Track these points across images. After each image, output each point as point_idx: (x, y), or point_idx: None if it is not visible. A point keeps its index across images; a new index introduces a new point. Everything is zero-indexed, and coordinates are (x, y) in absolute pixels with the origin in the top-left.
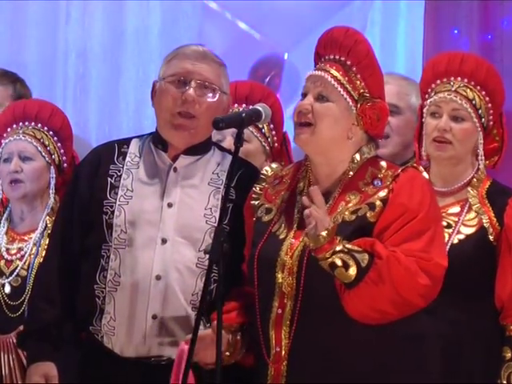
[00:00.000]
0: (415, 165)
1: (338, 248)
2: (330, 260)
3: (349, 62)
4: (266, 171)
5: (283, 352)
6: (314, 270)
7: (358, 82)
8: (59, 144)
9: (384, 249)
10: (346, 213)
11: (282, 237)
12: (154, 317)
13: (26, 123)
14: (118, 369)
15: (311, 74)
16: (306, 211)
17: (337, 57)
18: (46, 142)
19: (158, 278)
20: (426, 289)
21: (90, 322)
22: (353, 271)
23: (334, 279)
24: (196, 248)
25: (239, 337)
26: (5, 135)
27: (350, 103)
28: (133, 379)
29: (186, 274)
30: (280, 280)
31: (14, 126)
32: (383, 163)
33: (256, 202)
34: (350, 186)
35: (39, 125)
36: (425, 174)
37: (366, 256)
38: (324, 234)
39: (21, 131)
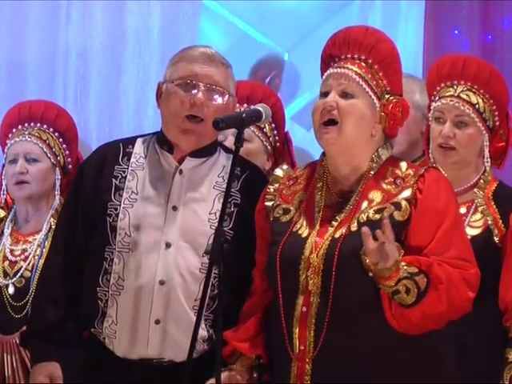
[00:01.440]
0: (435, 165)
1: (403, 275)
2: (394, 288)
3: (370, 61)
4: (278, 173)
5: (307, 350)
6: (343, 269)
7: (380, 80)
8: (64, 145)
9: (442, 270)
10: (371, 211)
11: (304, 236)
12: (157, 322)
13: (32, 124)
14: (119, 369)
15: (333, 71)
16: (364, 229)
17: (356, 56)
18: (52, 144)
19: (162, 282)
20: (471, 301)
21: (91, 323)
22: (413, 295)
23: (364, 279)
24: (199, 253)
25: (256, 375)
26: (10, 136)
27: (375, 100)
28: (134, 379)
29: (190, 279)
30: (304, 278)
31: (20, 126)
32: (403, 163)
33: (271, 203)
34: (371, 185)
35: (45, 126)
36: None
37: (424, 279)
38: (392, 265)
39: (26, 132)
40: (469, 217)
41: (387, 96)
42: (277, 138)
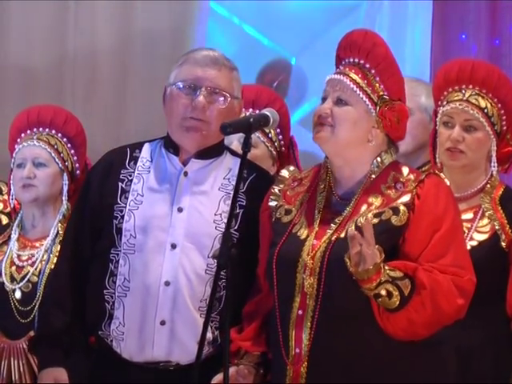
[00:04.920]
0: (437, 171)
1: (384, 279)
2: (375, 291)
3: (367, 65)
4: (284, 173)
5: (303, 353)
6: (335, 272)
7: (377, 85)
8: (72, 151)
9: (426, 276)
10: (369, 215)
11: (302, 237)
12: (163, 322)
13: (41, 129)
14: (126, 373)
15: (330, 77)
16: (350, 232)
17: (356, 60)
18: (60, 149)
19: (167, 283)
20: (461, 308)
21: (98, 326)
22: (396, 300)
23: (355, 283)
24: (205, 254)
25: (262, 371)
26: (18, 140)
27: (370, 106)
28: (141, 383)
29: (195, 280)
30: (300, 280)
31: (28, 131)
32: (405, 168)
33: (274, 204)
34: (371, 189)
35: (53, 131)
36: (447, 181)
37: (408, 283)
38: (372, 267)
39: (35, 137)
40: (476, 222)
41: (384, 101)
42: (282, 142)
